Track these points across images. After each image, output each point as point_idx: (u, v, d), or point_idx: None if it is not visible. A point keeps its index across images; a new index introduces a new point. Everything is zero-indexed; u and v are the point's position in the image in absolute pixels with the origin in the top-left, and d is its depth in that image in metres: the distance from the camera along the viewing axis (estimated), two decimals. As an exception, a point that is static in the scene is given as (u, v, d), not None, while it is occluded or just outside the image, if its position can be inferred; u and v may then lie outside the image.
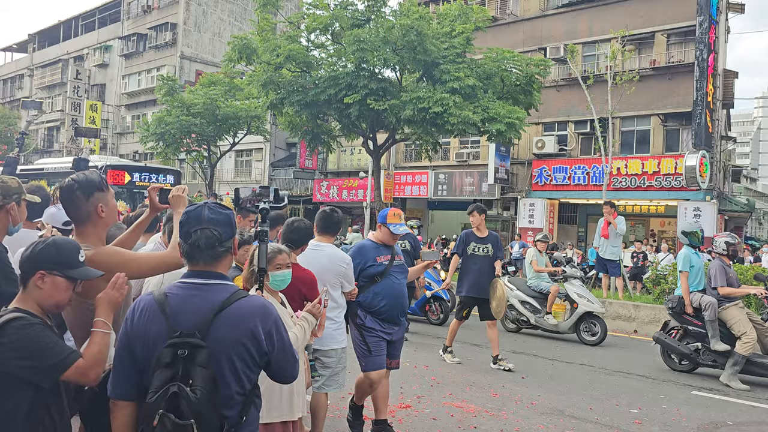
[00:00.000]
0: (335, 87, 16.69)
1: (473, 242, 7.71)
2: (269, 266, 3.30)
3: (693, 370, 7.93)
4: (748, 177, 63.17)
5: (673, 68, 23.67)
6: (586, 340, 9.70)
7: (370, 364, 4.72)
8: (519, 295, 10.23)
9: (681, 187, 22.11)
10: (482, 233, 7.76)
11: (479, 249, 7.68)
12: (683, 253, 7.81)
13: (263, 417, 3.21)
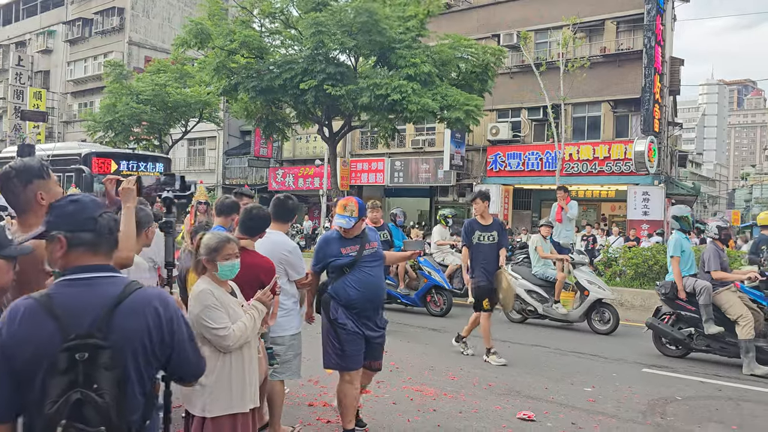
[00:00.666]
0: (291, 72, 16.51)
1: (478, 231, 7.31)
2: (218, 256, 3.25)
3: (686, 356, 7.86)
4: (694, 162, 65.30)
5: (623, 55, 24.18)
6: (598, 329, 9.34)
7: (345, 362, 4.44)
8: (524, 284, 9.83)
9: (630, 171, 22.68)
10: (486, 221, 7.38)
11: (484, 237, 7.29)
12: (674, 238, 7.70)
13: (213, 411, 3.16)
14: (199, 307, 3.12)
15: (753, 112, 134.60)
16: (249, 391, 3.29)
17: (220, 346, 3.15)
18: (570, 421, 5.27)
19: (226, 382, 3.17)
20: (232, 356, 3.20)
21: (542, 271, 9.82)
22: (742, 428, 5.24)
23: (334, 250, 4.51)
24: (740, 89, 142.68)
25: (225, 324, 3.11)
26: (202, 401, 3.15)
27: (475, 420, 5.23)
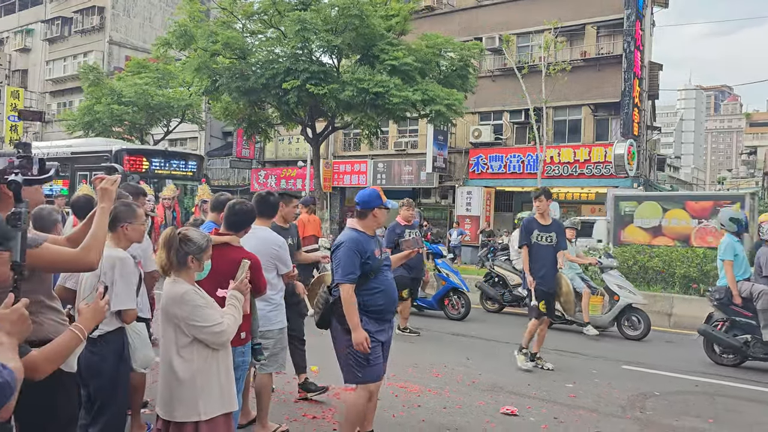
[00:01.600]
0: (273, 71, 16.50)
1: (536, 230, 6.87)
2: (205, 255, 3.17)
3: (740, 364, 7.46)
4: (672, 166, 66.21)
5: (603, 60, 24.50)
6: (628, 335, 9.01)
7: (368, 374, 4.06)
8: None
9: (610, 174, 22.97)
10: (546, 221, 6.93)
11: (543, 238, 6.87)
12: (726, 242, 7.30)
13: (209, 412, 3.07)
14: (188, 309, 3.02)
15: (729, 117, 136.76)
16: (233, 390, 3.27)
17: (216, 343, 3.08)
18: (552, 415, 5.37)
19: (217, 381, 3.12)
20: (220, 354, 3.15)
21: (569, 274, 9.19)
22: (717, 421, 5.37)
23: (370, 250, 4.11)
24: (717, 95, 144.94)
25: (218, 320, 3.06)
26: (196, 405, 3.05)
27: (460, 415, 5.31)
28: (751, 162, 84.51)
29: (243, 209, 4.12)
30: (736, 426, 5.27)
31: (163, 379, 3.11)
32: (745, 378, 6.99)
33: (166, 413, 3.08)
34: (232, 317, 3.17)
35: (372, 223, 4.19)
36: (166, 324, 3.10)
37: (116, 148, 13.49)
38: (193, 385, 3.03)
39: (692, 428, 5.18)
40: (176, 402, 3.03)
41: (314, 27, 16.08)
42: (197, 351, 3.05)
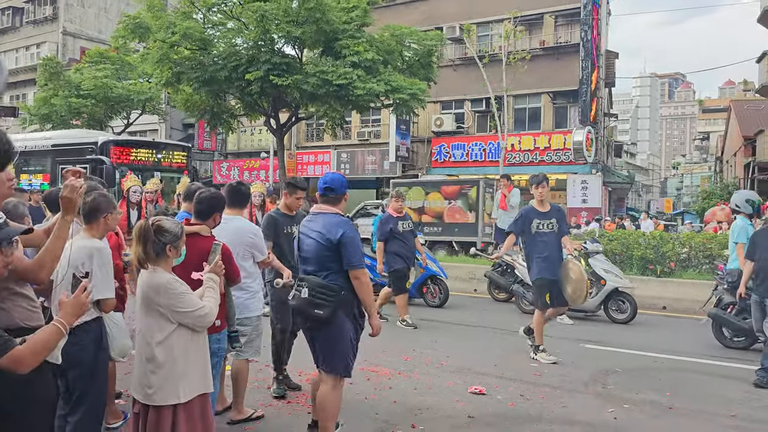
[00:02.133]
0: (235, 63, 16.38)
1: (536, 219, 6.70)
2: (181, 242, 3.21)
3: (750, 347, 7.45)
4: (629, 152, 67.70)
5: (561, 48, 24.95)
6: (615, 319, 9.10)
7: (352, 363, 4.15)
8: None
9: (570, 161, 23.48)
10: (544, 207, 6.79)
11: (543, 225, 6.69)
12: (739, 225, 7.13)
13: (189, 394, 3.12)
14: (172, 297, 3.08)
15: (683, 104, 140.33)
16: (209, 368, 3.33)
17: (200, 326, 3.16)
18: (518, 393, 5.57)
19: (195, 363, 3.18)
20: (198, 337, 3.21)
21: None
22: (675, 393, 5.65)
23: None
24: (671, 82, 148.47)
25: (201, 304, 3.14)
26: (176, 389, 3.09)
27: (429, 395, 5.46)
28: (704, 147, 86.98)
29: (208, 197, 4.15)
30: (691, 397, 5.54)
31: (141, 365, 3.15)
32: (701, 353, 7.32)
33: (145, 397, 3.12)
34: (212, 299, 3.25)
35: (342, 207, 4.19)
36: (147, 312, 3.14)
37: (102, 139, 12.82)
38: (174, 369, 3.09)
39: (651, 401, 5.44)
40: (156, 386, 3.08)
41: (275, 18, 15.99)
42: (179, 336, 3.12)
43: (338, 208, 4.16)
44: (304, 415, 4.89)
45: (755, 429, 4.79)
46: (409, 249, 8.57)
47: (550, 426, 4.75)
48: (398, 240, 8.48)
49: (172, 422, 3.10)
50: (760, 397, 5.62)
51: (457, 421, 4.84)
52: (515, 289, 9.95)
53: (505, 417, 4.95)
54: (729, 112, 43.09)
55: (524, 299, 9.71)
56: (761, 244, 6.33)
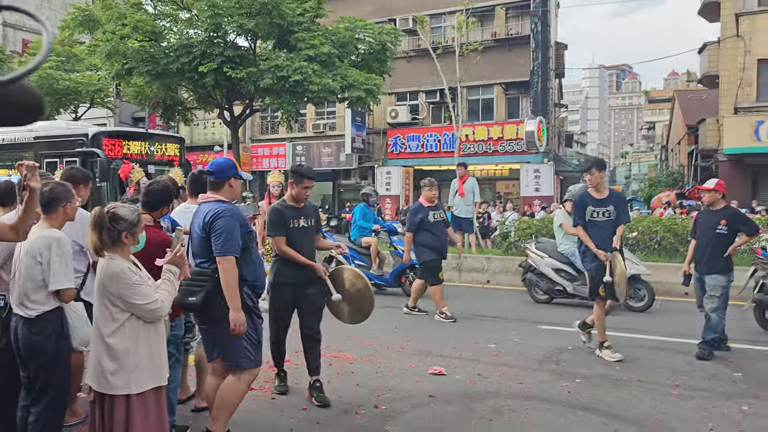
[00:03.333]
0: (188, 55, 16.17)
1: (591, 206, 6.30)
2: (138, 229, 3.21)
3: None
4: (579, 142, 69.24)
5: (512, 40, 25.38)
6: (633, 307, 8.87)
7: (258, 356, 3.97)
8: (552, 262, 9.31)
9: (522, 151, 23.94)
10: (601, 194, 6.35)
11: (599, 213, 6.28)
12: None
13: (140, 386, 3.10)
14: (125, 287, 3.07)
15: (630, 94, 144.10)
16: (164, 364, 3.29)
17: (151, 318, 3.14)
18: (477, 372, 5.76)
19: (148, 355, 3.15)
20: (153, 328, 3.19)
21: (570, 249, 9.00)
22: (623, 367, 5.94)
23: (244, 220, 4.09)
24: (618, 73, 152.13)
25: (154, 297, 3.12)
26: (127, 378, 3.08)
27: (391, 378, 5.61)
28: (651, 136, 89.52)
29: (159, 189, 4.15)
30: (638, 370, 5.83)
31: (95, 352, 3.14)
32: (648, 330, 7.67)
33: (99, 386, 3.11)
34: (166, 292, 3.21)
35: (229, 193, 4.00)
36: (102, 300, 3.13)
37: (93, 130, 12.06)
38: (126, 359, 3.07)
39: (602, 374, 5.70)
40: (109, 375, 3.07)
41: (227, 10, 15.83)
42: (131, 326, 3.10)
43: (223, 194, 3.97)
44: (269, 402, 4.98)
45: (696, 396, 5.09)
46: (440, 240, 8.31)
47: (507, 401, 4.94)
48: (428, 231, 8.22)
49: (125, 412, 3.08)
50: (702, 368, 5.95)
51: (418, 400, 5.00)
52: (528, 278, 9.75)
53: (465, 395, 5.13)
54: (673, 102, 44.56)
55: (537, 288, 9.65)
56: (701, 225, 6.69)
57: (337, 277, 5.09)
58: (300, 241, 4.90)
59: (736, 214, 6.74)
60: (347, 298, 5.08)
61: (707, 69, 26.62)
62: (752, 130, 20.16)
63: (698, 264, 6.63)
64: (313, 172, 5.12)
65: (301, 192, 4.92)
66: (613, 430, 4.34)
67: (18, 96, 1.12)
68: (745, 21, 21.24)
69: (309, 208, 5.07)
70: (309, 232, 5.01)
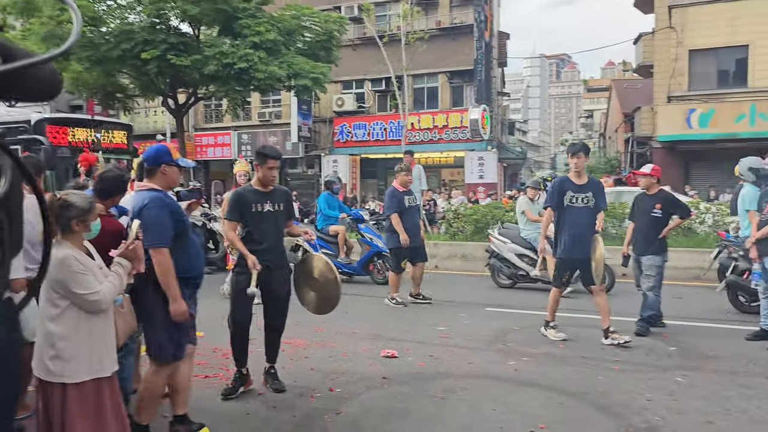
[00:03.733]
0: (130, 42, 15.73)
1: (570, 191, 6.26)
2: (91, 216, 3.17)
3: None
4: (521, 130, 70.58)
5: (456, 29, 25.66)
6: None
7: (178, 352, 3.82)
8: (514, 248, 9.47)
9: (467, 139, 24.33)
10: (581, 179, 6.34)
11: (578, 199, 6.25)
12: (750, 193, 6.85)
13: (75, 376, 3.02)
14: (66, 274, 3.00)
15: (569, 83, 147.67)
16: (107, 355, 3.20)
17: (90, 310, 3.07)
18: (428, 354, 5.92)
19: (87, 346, 3.07)
20: (95, 319, 3.11)
21: (532, 234, 9.29)
22: (567, 345, 6.21)
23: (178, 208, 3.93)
24: (558, 63, 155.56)
25: (95, 288, 3.04)
26: (62, 366, 3.01)
27: (344, 361, 5.71)
28: (589, 124, 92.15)
29: (112, 177, 4.10)
30: (582, 348, 6.11)
31: (39, 337, 3.09)
32: (586, 309, 7.99)
33: (39, 371, 3.07)
34: (111, 285, 3.14)
35: (162, 181, 3.82)
36: (47, 285, 3.06)
37: (36, 117, 11.53)
38: (64, 347, 3.01)
39: (547, 353, 5.95)
40: (48, 361, 3.03)
41: None
42: (71, 314, 3.04)
43: (156, 181, 3.82)
44: (224, 388, 4.99)
45: (634, 370, 5.38)
46: (412, 225, 8.32)
47: (457, 381, 5.11)
48: (406, 215, 8.27)
49: (61, 401, 3.03)
50: (641, 344, 6.27)
51: (372, 382, 5.11)
52: (492, 263, 9.84)
53: (417, 376, 5.27)
54: (610, 91, 45.91)
55: (501, 273, 9.77)
56: (638, 208, 7.03)
57: (306, 265, 4.99)
58: (263, 227, 4.70)
59: (670, 198, 7.09)
60: (315, 287, 5.00)
61: (642, 59, 27.55)
62: (684, 118, 21.06)
63: (636, 246, 6.97)
64: (277, 152, 4.88)
65: (266, 174, 4.72)
66: (558, 403, 4.56)
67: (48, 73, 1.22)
68: (677, 13, 22.09)
69: (278, 193, 4.85)
70: (277, 218, 4.79)
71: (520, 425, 4.11)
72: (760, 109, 20.12)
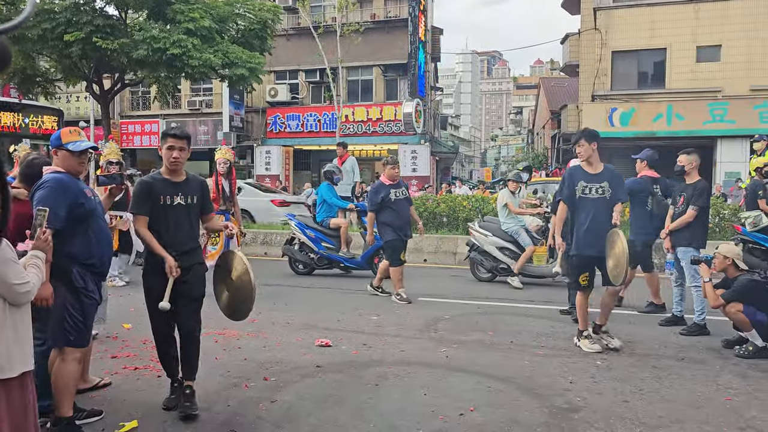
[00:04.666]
0: (51, 21, 15.00)
1: (582, 181, 5.70)
2: None
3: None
4: (453, 124, 71.67)
5: (390, 23, 25.80)
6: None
7: (82, 338, 3.77)
8: (496, 241, 9.36)
9: (400, 132, 24.56)
10: (594, 168, 5.76)
11: (591, 190, 5.67)
12: None
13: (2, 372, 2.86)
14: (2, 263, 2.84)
15: (500, 80, 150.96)
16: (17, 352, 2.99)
17: (19, 301, 2.94)
18: (361, 342, 6.01)
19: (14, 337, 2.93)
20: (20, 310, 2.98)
21: (514, 227, 9.30)
22: (496, 332, 6.44)
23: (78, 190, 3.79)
24: (489, 59, 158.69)
25: (27, 278, 2.94)
26: None
27: (278, 351, 5.72)
28: (518, 121, 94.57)
29: (41, 162, 4.02)
30: (508, 333, 6.35)
31: None
32: (514, 298, 8.29)
33: None
34: (35, 276, 3.05)
35: (61, 164, 3.74)
36: None
37: None
38: None
39: (477, 340, 6.15)
40: None
41: None
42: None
43: (58, 164, 3.78)
44: (155, 379, 4.93)
45: (558, 355, 5.65)
46: (403, 219, 8.11)
47: (390, 368, 5.22)
48: (391, 210, 8.02)
49: None
50: (564, 330, 6.57)
51: (306, 371, 5.15)
52: (473, 256, 9.76)
53: (350, 364, 5.35)
54: (538, 88, 47.31)
55: (481, 266, 9.72)
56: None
57: (226, 262, 4.42)
58: (172, 222, 4.15)
59: None
60: (230, 287, 4.41)
61: (569, 58, 28.52)
62: (607, 116, 21.99)
63: None
64: (183, 131, 4.35)
65: (167, 155, 4.16)
66: (487, 387, 4.74)
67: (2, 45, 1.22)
68: (602, 15, 23.00)
69: (192, 183, 4.31)
70: (189, 211, 4.25)
71: (451, 408, 4.25)
72: (676, 110, 21.26)
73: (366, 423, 4.02)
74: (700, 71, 21.87)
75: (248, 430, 3.92)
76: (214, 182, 8.05)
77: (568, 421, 4.05)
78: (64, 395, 3.73)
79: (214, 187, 7.92)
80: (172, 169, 4.20)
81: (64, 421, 3.74)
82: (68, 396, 3.76)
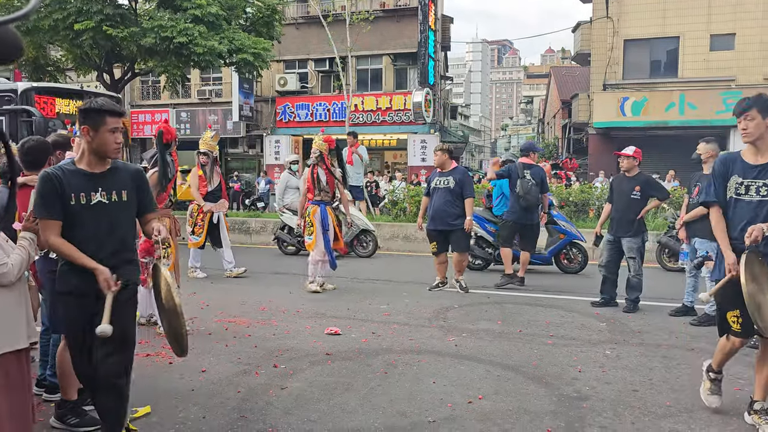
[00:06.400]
0: (62, 11, 15.05)
1: (737, 175, 3.78)
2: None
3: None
4: (462, 114, 71.38)
5: (400, 11, 25.67)
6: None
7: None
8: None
9: (410, 121, 24.49)
10: (761, 157, 3.74)
11: (751, 188, 3.73)
12: None
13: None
14: None
15: (510, 69, 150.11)
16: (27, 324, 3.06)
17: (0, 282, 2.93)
18: (371, 331, 6.04)
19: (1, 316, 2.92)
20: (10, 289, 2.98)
21: None
22: (505, 321, 6.44)
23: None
24: (500, 48, 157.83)
25: (4, 260, 2.91)
26: None
27: (288, 339, 5.76)
28: (529, 110, 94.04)
29: (35, 147, 4.06)
30: (517, 323, 6.36)
31: None
32: (525, 288, 8.28)
33: None
34: (19, 257, 3.01)
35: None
36: None
37: (24, 86, 10.57)
38: None
39: (486, 329, 6.16)
40: None
41: None
42: None
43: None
44: (166, 366, 4.98)
45: (567, 344, 5.65)
46: (435, 208, 7.87)
47: (399, 356, 5.25)
48: (432, 197, 7.98)
49: None
50: (573, 320, 6.57)
51: (315, 358, 5.19)
52: None
53: (360, 351, 5.38)
54: (549, 77, 46.99)
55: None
56: (617, 190, 7.26)
57: (155, 278, 3.43)
58: (92, 228, 3.13)
59: (649, 181, 7.31)
60: (163, 314, 3.41)
61: (580, 47, 28.30)
62: (618, 106, 21.83)
63: (614, 227, 7.15)
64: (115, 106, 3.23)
65: (109, 139, 3.11)
66: (496, 375, 4.75)
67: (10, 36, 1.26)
68: (614, 3, 22.77)
69: (120, 174, 3.24)
70: (116, 213, 3.20)
71: (460, 396, 4.27)
72: (689, 99, 21.06)
73: (375, 410, 4.05)
74: (714, 60, 21.64)
75: (258, 416, 3.96)
76: (310, 173, 7.86)
77: (576, 410, 4.06)
78: (69, 379, 3.76)
79: (309, 177, 7.87)
80: (104, 155, 3.16)
81: (69, 404, 3.81)
82: (73, 380, 3.75)
